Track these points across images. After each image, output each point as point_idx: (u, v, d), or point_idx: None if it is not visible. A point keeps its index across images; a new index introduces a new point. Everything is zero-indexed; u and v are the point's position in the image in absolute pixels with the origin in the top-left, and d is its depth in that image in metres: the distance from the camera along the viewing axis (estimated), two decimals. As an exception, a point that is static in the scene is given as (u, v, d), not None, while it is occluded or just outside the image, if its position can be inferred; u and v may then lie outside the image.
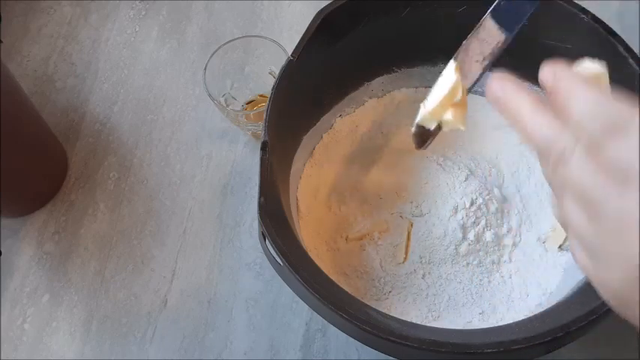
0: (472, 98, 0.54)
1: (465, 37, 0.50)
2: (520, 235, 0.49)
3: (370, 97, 0.55)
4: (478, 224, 0.48)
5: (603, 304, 0.34)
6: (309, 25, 0.44)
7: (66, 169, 0.58)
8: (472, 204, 0.48)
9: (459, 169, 0.50)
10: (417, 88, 0.55)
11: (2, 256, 0.54)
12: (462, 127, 0.32)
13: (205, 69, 0.51)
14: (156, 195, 0.56)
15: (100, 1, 0.66)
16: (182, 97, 0.61)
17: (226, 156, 0.58)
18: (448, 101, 0.32)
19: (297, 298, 0.37)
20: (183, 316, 0.51)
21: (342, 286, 0.39)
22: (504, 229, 0.49)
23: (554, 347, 0.35)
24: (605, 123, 0.22)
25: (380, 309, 0.39)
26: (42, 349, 0.51)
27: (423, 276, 0.47)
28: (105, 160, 0.58)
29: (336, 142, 0.54)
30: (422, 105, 0.34)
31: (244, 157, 0.57)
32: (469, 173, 0.50)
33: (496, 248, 0.48)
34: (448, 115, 0.33)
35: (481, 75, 0.33)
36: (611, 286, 0.23)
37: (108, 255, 0.54)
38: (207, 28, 0.64)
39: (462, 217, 0.47)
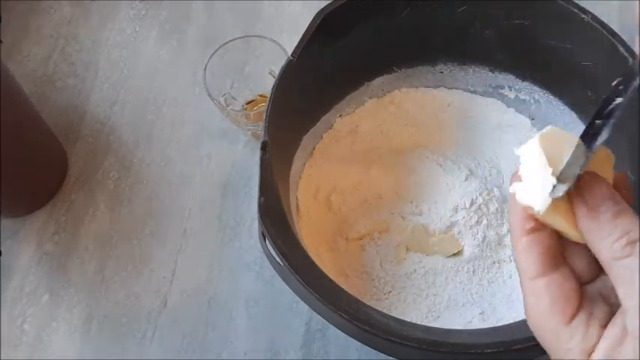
0: (472, 98, 0.55)
1: (464, 37, 0.50)
2: (520, 235, 0.49)
3: (370, 97, 0.55)
4: (478, 224, 0.48)
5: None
6: (309, 25, 0.44)
7: (66, 169, 0.58)
8: (472, 204, 0.48)
9: (459, 169, 0.50)
10: (417, 88, 0.55)
11: (2, 256, 0.54)
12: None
13: (205, 69, 0.51)
14: (156, 195, 0.56)
15: (100, 1, 0.66)
16: (182, 97, 0.61)
17: (226, 156, 0.57)
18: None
19: (297, 298, 0.37)
20: (183, 316, 0.51)
21: (342, 286, 0.38)
22: (504, 229, 0.48)
23: (554, 347, 0.35)
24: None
25: (380, 309, 0.39)
26: (42, 349, 0.51)
27: (423, 276, 0.47)
28: (105, 160, 0.58)
29: (336, 142, 0.54)
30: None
31: (244, 157, 0.57)
32: (469, 173, 0.50)
33: (496, 248, 0.48)
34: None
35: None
36: None
37: (108, 255, 0.54)
38: (207, 28, 0.64)
39: (462, 217, 0.47)
